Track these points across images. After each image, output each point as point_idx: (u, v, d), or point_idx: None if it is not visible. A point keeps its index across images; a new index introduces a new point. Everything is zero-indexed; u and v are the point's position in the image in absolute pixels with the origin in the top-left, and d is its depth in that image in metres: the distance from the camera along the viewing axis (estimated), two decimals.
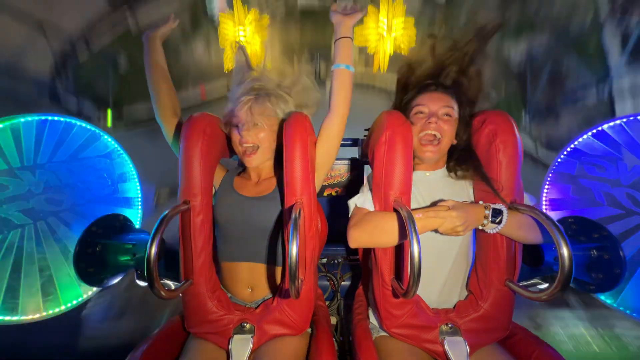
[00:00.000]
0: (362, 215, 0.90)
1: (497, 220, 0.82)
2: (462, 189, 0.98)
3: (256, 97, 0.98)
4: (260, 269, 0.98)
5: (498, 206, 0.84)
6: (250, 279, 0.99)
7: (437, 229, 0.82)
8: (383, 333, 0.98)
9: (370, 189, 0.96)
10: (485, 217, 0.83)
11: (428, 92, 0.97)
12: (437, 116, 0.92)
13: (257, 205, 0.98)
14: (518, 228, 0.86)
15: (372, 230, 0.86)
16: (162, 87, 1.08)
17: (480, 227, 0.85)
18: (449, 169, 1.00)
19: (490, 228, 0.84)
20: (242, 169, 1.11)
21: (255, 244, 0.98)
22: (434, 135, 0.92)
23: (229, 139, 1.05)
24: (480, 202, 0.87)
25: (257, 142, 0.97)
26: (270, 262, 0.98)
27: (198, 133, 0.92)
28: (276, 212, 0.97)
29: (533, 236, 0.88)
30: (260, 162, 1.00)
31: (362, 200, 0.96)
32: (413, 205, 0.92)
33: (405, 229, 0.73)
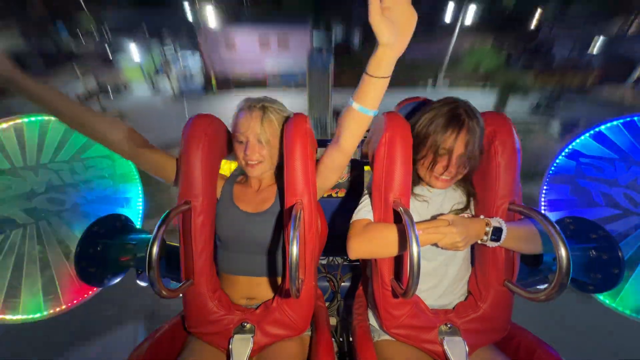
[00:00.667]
0: (362, 227, 0.89)
1: (497, 237, 0.82)
2: (463, 195, 0.98)
3: (260, 114, 0.95)
4: (260, 282, 0.99)
5: (498, 223, 0.83)
6: (248, 291, 1.00)
7: (436, 244, 0.81)
8: (383, 335, 0.99)
9: (370, 194, 0.96)
10: (486, 234, 0.83)
11: (455, 130, 0.83)
12: (459, 162, 0.86)
13: (256, 222, 0.98)
14: (518, 241, 0.86)
15: (372, 242, 0.86)
16: (94, 128, 0.88)
17: (480, 242, 0.85)
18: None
19: (491, 244, 0.84)
20: (242, 175, 1.11)
21: (255, 259, 0.98)
22: (445, 178, 0.89)
23: (229, 139, 1.05)
24: (482, 217, 0.87)
25: (260, 159, 0.97)
26: (271, 274, 0.99)
27: (199, 134, 0.92)
28: (276, 226, 0.97)
29: (532, 248, 0.88)
30: (262, 172, 1.00)
31: (361, 212, 0.94)
32: (414, 217, 0.92)
33: (405, 238, 0.74)
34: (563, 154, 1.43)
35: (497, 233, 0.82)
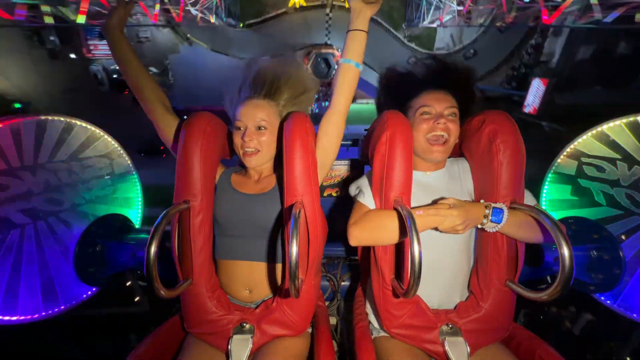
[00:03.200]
0: (363, 214, 0.90)
1: (497, 219, 0.82)
2: (463, 189, 0.98)
3: (260, 102, 0.97)
4: (259, 268, 0.98)
5: (498, 205, 0.84)
6: (248, 279, 0.98)
7: (437, 227, 0.82)
8: (383, 333, 0.98)
9: (371, 188, 0.96)
10: (485, 216, 0.83)
11: (430, 91, 0.97)
12: (444, 117, 0.92)
13: (258, 203, 0.97)
14: (518, 227, 0.86)
15: (373, 228, 0.86)
16: (141, 82, 1.02)
17: (480, 226, 0.85)
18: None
19: (490, 227, 0.84)
20: (241, 167, 1.10)
21: (255, 242, 0.97)
22: (442, 136, 0.92)
23: (229, 139, 1.04)
24: (481, 201, 0.87)
25: (258, 146, 0.96)
26: (270, 260, 0.98)
27: (198, 132, 0.91)
28: (276, 210, 0.96)
29: (534, 236, 0.88)
30: (260, 163, 1.00)
31: (363, 197, 0.95)
32: (413, 205, 0.92)
33: (405, 225, 0.73)
34: (564, 153, 1.43)
35: (497, 214, 0.82)
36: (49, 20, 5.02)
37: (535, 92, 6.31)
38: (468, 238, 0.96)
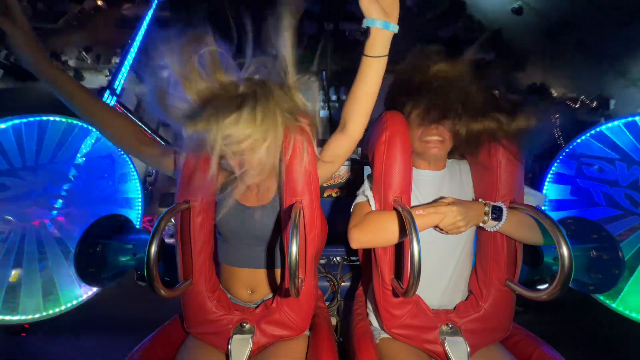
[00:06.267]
0: (363, 216, 0.90)
1: (497, 216, 0.83)
2: (463, 189, 0.98)
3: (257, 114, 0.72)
4: (261, 273, 0.99)
5: (498, 204, 0.84)
6: (250, 282, 0.99)
7: (438, 226, 0.82)
8: (384, 335, 0.98)
9: (371, 189, 0.96)
10: (486, 214, 0.83)
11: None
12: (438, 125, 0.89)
13: (257, 215, 0.95)
14: (518, 227, 0.86)
15: (374, 230, 0.86)
16: (99, 119, 0.86)
17: (480, 224, 0.86)
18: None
19: (491, 225, 0.84)
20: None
21: (256, 251, 0.98)
22: (436, 140, 0.90)
23: None
24: (480, 200, 0.88)
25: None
26: (270, 266, 0.98)
27: None
28: (276, 219, 0.96)
29: (534, 236, 0.88)
30: (263, 177, 0.90)
31: (363, 199, 0.96)
32: (414, 204, 0.92)
33: (404, 225, 0.74)
34: (564, 153, 1.43)
35: (497, 212, 0.82)
36: None
37: None
38: (470, 239, 0.97)
